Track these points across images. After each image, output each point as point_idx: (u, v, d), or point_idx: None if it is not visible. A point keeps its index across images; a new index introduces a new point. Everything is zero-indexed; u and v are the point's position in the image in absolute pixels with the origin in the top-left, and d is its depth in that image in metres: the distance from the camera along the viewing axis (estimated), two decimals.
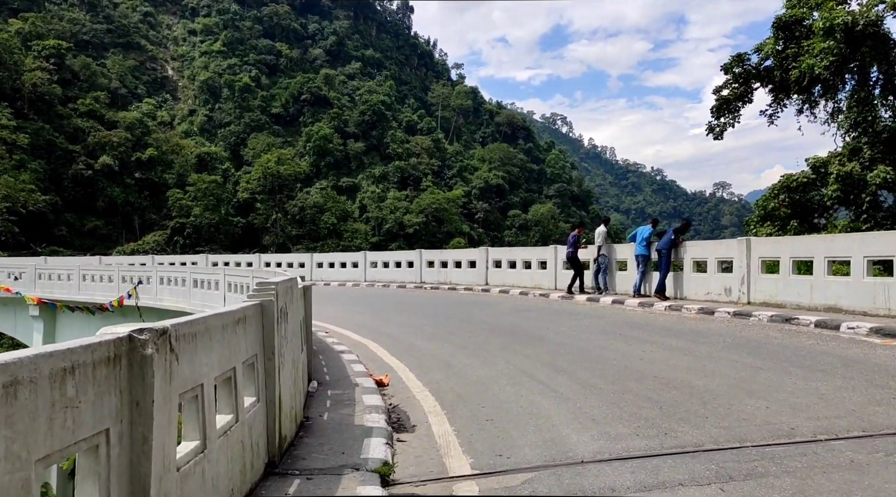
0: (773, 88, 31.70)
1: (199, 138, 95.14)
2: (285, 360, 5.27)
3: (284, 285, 5.34)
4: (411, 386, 8.12)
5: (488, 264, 20.96)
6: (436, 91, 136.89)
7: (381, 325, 13.78)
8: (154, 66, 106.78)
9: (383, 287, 23.79)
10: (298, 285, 6.94)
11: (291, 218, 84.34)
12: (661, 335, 10.17)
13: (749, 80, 32.30)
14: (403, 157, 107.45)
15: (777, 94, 31.73)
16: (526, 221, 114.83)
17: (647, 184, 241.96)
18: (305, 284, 7.95)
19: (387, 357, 10.19)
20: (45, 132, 73.52)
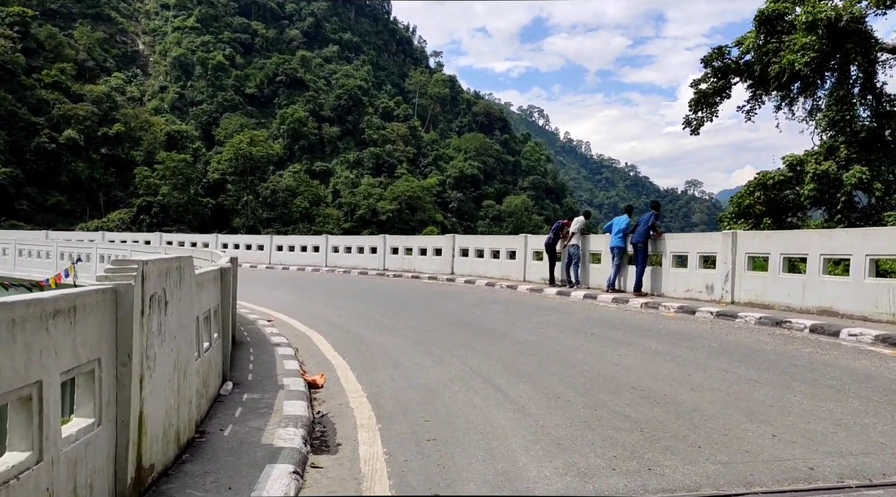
0: (752, 84, 30.91)
1: (170, 116, 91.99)
2: (158, 365, 3.93)
3: (161, 265, 4.00)
4: (349, 389, 6.83)
5: (455, 253, 19.71)
6: (414, 78, 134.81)
7: (332, 315, 12.44)
8: (124, 40, 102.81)
9: (344, 273, 22.38)
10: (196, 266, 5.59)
11: (263, 201, 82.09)
12: (638, 336, 9.02)
13: (728, 74, 31.45)
14: (379, 143, 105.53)
15: (756, 90, 30.94)
16: (500, 212, 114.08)
17: (620, 179, 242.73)
18: (223, 265, 6.59)
19: (329, 352, 8.88)
20: (6, 102, 70.09)
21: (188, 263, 4.60)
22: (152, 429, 3.84)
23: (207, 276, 5.66)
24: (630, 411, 5.46)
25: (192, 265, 4.69)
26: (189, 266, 4.62)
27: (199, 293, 5.26)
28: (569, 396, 6.02)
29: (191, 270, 4.66)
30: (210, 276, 5.81)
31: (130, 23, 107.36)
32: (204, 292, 5.53)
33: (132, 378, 3.54)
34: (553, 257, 15.62)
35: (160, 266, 4.00)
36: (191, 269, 4.66)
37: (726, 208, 34.89)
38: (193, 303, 4.84)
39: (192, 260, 4.70)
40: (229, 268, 6.55)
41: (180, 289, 4.41)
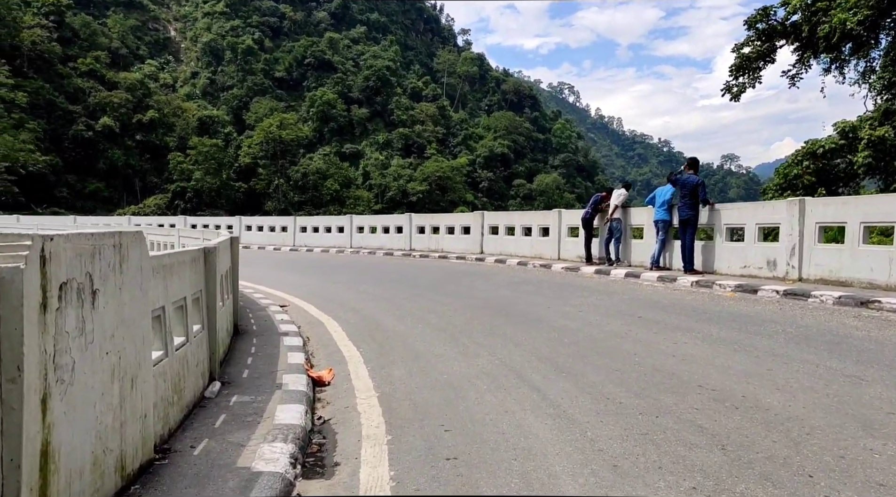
0: (799, 46, 28.77)
1: (202, 101, 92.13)
2: (80, 376, 2.91)
3: (83, 243, 2.95)
4: (359, 387, 5.79)
5: (484, 230, 18.51)
6: (441, 57, 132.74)
7: (351, 299, 11.43)
8: (156, 27, 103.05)
9: (369, 254, 21.39)
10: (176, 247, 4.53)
11: (294, 184, 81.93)
12: (695, 320, 7.79)
13: (773, 36, 29.35)
14: (408, 124, 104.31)
15: (803, 53, 28.81)
16: (531, 191, 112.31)
17: (653, 155, 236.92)
18: (208, 245, 5.56)
19: (343, 341, 7.86)
20: (44, 91, 70.78)
21: (134, 241, 3.55)
22: (69, 462, 2.82)
23: (179, 259, 4.62)
24: (702, 420, 4.29)
25: (140, 243, 3.64)
26: (136, 244, 3.58)
27: (162, 279, 4.23)
28: (621, 398, 4.87)
29: (139, 250, 3.61)
30: (183, 257, 4.77)
31: (162, 9, 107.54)
32: (173, 278, 4.50)
33: (25, 398, 2.50)
34: (590, 233, 14.35)
35: (81, 244, 2.95)
36: (139, 249, 3.61)
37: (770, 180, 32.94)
38: (148, 291, 3.80)
39: (141, 236, 3.65)
40: (216, 247, 5.51)
41: (121, 273, 3.36)
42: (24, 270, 2.50)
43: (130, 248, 3.50)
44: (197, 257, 5.24)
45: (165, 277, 4.33)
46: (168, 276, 4.40)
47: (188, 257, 4.96)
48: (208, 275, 5.48)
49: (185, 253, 4.92)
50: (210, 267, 5.50)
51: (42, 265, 2.63)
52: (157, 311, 4.16)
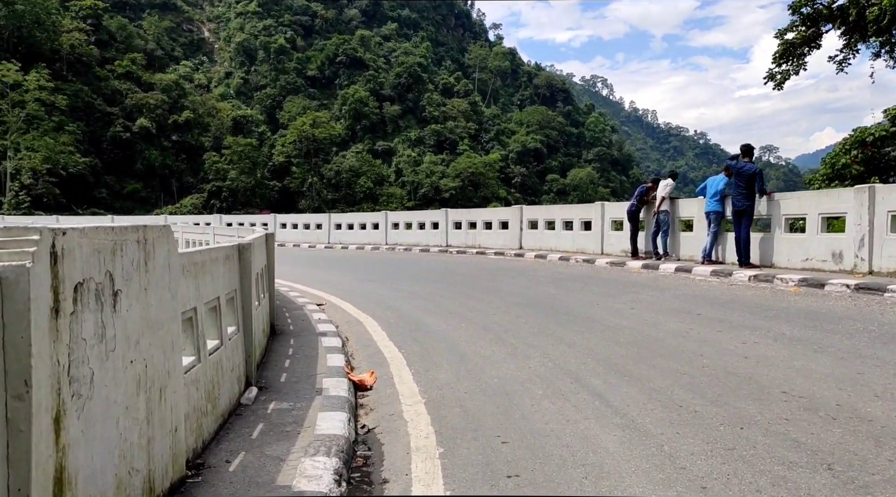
0: (847, 30, 27.54)
1: (236, 101, 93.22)
2: (100, 389, 2.58)
3: (102, 237, 2.62)
4: (403, 392, 5.41)
5: (523, 225, 18.00)
6: (473, 52, 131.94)
7: (389, 297, 11.08)
8: (190, 28, 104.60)
9: (405, 251, 21.06)
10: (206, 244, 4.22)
11: (327, 182, 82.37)
12: (761, 317, 7.21)
13: (819, 21, 28.16)
14: (440, 120, 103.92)
15: (850, 37, 27.57)
16: (564, 186, 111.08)
17: (689, 148, 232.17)
18: (242, 241, 5.23)
19: (383, 342, 7.50)
20: (83, 94, 72.31)
21: (161, 236, 3.21)
22: (88, 488, 2.48)
23: (211, 256, 4.29)
24: (797, 432, 3.78)
25: (168, 238, 3.30)
26: (163, 240, 3.24)
27: (193, 278, 3.90)
28: (695, 405, 4.38)
29: (166, 246, 3.27)
30: (216, 254, 4.44)
31: (196, 11, 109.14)
32: (205, 276, 4.17)
33: (35, 418, 2.17)
34: (636, 226, 13.74)
35: (99, 239, 2.61)
36: (166, 245, 3.27)
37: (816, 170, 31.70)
38: (177, 291, 3.46)
39: (168, 231, 3.31)
40: (251, 244, 5.18)
41: (146, 272, 3.02)
42: (31, 269, 2.15)
43: (157, 244, 3.16)
44: (231, 255, 4.92)
45: (197, 276, 4.00)
46: (199, 275, 4.07)
47: (221, 254, 4.63)
48: (243, 273, 5.15)
49: (218, 250, 4.59)
50: (245, 265, 5.17)
51: (53, 263, 2.29)
52: (187, 313, 3.83)
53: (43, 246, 2.24)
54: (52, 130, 64.68)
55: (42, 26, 70.69)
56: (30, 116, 62.90)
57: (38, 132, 62.52)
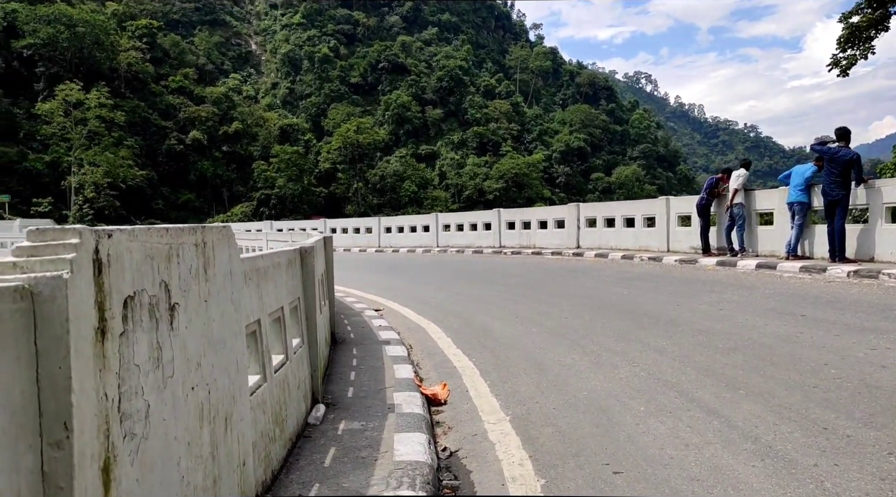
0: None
1: (282, 110, 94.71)
2: (157, 424, 2.11)
3: (154, 240, 2.14)
4: (482, 407, 4.85)
5: (580, 223, 17.23)
6: (514, 53, 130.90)
7: (448, 301, 10.55)
8: (239, 42, 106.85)
9: (457, 253, 20.52)
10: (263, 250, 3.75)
11: (372, 187, 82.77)
12: (881, 318, 6.38)
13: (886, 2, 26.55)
14: (482, 122, 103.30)
15: None
16: (609, 184, 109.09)
17: (739, 141, 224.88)
18: (304, 244, 4.76)
19: (450, 349, 6.96)
20: (140, 109, 74.53)
21: (222, 238, 2.73)
22: None
23: (274, 261, 3.82)
24: None
25: (229, 241, 2.82)
26: (224, 243, 2.76)
27: (255, 286, 3.43)
28: (843, 427, 3.67)
29: (227, 251, 2.79)
30: (279, 259, 3.97)
31: (243, 25, 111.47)
32: (268, 284, 3.70)
33: (78, 469, 1.68)
34: (707, 221, 12.85)
35: (151, 242, 2.14)
36: (227, 249, 2.79)
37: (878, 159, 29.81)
38: (241, 302, 2.98)
39: (229, 232, 2.83)
40: (312, 247, 4.71)
41: (206, 281, 2.55)
42: (70, 281, 1.67)
43: (217, 247, 2.68)
44: (293, 259, 4.45)
45: (260, 284, 3.53)
46: (262, 283, 3.60)
47: (284, 259, 4.16)
48: (306, 279, 4.67)
49: (281, 254, 4.12)
50: (307, 270, 4.70)
51: (97, 273, 1.81)
52: (251, 327, 3.36)
53: (84, 252, 1.76)
54: (112, 145, 66.83)
55: (101, 46, 73.17)
56: (91, 133, 65.14)
57: (100, 148, 64.69)
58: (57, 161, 63.99)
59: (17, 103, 67.02)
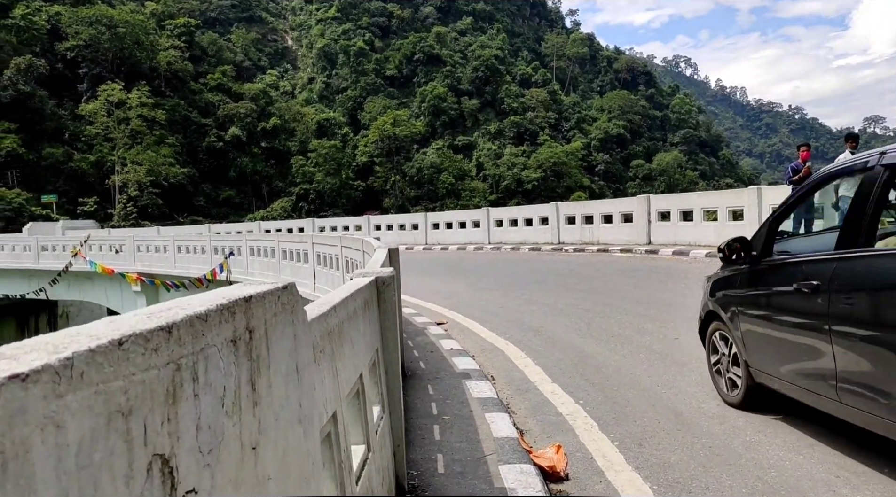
0: None
1: (319, 105, 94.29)
2: None
3: None
4: (620, 484, 3.50)
5: (651, 217, 15.62)
6: (550, 41, 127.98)
7: (519, 311, 9.19)
8: (275, 38, 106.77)
9: (512, 250, 19.09)
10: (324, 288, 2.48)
11: (409, 179, 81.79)
12: None
13: None
14: (519, 111, 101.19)
15: None
16: (650, 171, 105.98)
17: (783, 124, 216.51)
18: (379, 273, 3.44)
19: (545, 384, 5.60)
20: (180, 108, 74.86)
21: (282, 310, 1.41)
22: None
23: (349, 309, 2.52)
24: None
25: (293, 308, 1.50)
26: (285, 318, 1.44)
27: (329, 360, 2.13)
28: None
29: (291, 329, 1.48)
30: (355, 304, 2.67)
31: (279, 21, 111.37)
32: (343, 348, 2.40)
33: None
34: None
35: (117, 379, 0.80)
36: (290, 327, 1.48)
37: None
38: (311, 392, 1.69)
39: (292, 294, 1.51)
40: (391, 279, 3.37)
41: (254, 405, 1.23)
42: None
43: (274, 330, 1.38)
44: (369, 299, 3.13)
45: (334, 354, 2.23)
46: (337, 350, 2.29)
47: (360, 301, 2.85)
48: (385, 322, 3.36)
49: (356, 295, 2.80)
50: (387, 309, 3.38)
51: None
52: (326, 428, 2.06)
53: None
54: (154, 144, 67.22)
55: (141, 46, 73.61)
56: (134, 132, 65.60)
57: (142, 146, 65.13)
58: (101, 161, 64.66)
59: (62, 105, 67.90)
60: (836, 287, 3.21)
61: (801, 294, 3.51)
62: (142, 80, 71.11)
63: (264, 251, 14.39)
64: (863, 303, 3.08)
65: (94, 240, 20.03)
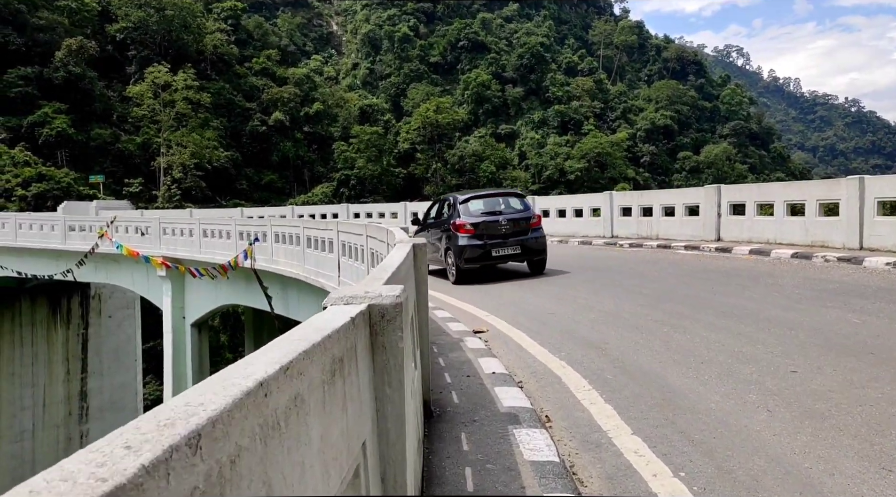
0: None
1: (362, 91, 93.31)
2: None
3: None
4: None
5: (721, 210, 13.63)
6: (597, 28, 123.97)
7: (574, 319, 7.54)
8: (320, 23, 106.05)
9: (560, 243, 17.28)
10: None
11: (451, 167, 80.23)
12: None
13: None
14: (563, 100, 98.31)
15: None
16: (698, 164, 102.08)
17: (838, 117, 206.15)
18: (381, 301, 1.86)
19: (622, 437, 4.02)
20: (225, 91, 74.70)
21: None
22: None
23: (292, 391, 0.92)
24: None
25: None
26: None
27: None
28: None
29: None
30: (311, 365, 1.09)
31: (325, 6, 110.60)
32: None
33: None
34: None
35: None
36: None
37: None
38: None
39: None
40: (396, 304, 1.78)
41: None
42: None
43: None
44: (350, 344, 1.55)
45: None
46: None
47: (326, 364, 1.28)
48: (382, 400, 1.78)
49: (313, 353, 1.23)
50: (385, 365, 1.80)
51: None
52: None
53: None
54: (199, 127, 67.15)
55: (188, 29, 73.58)
56: (179, 114, 65.62)
57: (187, 129, 65.10)
58: (147, 142, 64.91)
59: (110, 86, 68.42)
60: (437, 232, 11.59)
61: (437, 233, 11.57)
62: (188, 62, 71.01)
63: (289, 238, 13.06)
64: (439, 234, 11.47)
65: (120, 221, 19.13)
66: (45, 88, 61.04)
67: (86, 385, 25.22)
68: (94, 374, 25.43)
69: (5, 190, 54.27)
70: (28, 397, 23.88)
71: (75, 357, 25.06)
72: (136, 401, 27.06)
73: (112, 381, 26.02)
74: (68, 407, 24.75)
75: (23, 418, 23.71)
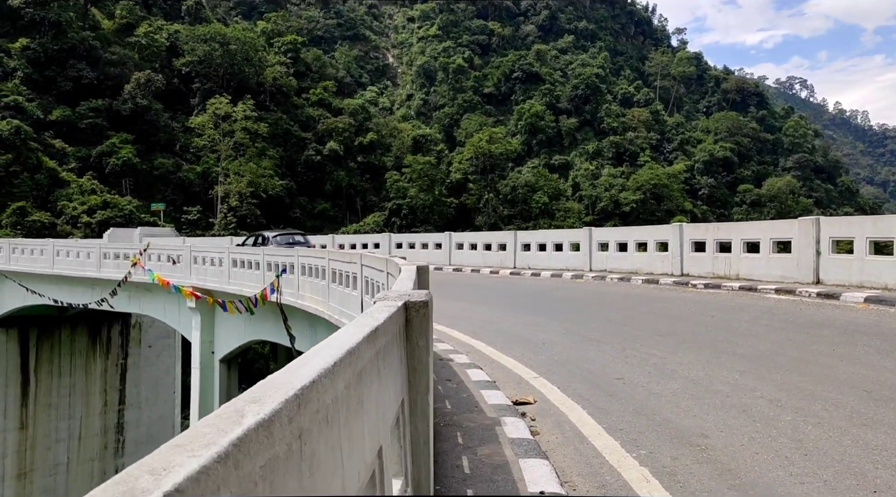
0: None
1: (416, 121, 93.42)
2: None
3: None
4: None
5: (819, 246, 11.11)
6: (654, 59, 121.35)
7: (651, 390, 5.62)
8: (377, 55, 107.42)
9: (621, 281, 15.18)
10: None
11: (503, 198, 78.68)
12: None
13: None
14: (619, 131, 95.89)
15: None
16: (759, 197, 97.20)
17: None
18: None
19: None
20: (282, 122, 75.77)
21: None
22: None
23: None
24: None
25: None
26: None
27: None
28: None
29: None
30: None
31: (381, 39, 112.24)
32: None
33: None
34: None
35: None
36: None
37: None
38: None
39: None
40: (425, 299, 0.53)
41: None
42: None
43: None
44: None
45: None
46: None
47: None
48: None
49: None
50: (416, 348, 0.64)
51: None
52: None
53: None
54: (256, 156, 67.96)
55: (250, 62, 75.33)
56: (237, 144, 66.60)
57: (244, 158, 65.91)
58: (207, 171, 65.97)
59: (175, 117, 70.27)
60: None
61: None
62: (248, 94, 72.48)
63: (314, 271, 11.60)
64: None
65: (153, 249, 18.23)
66: (113, 120, 63.00)
67: (122, 417, 24.35)
68: (131, 406, 24.58)
69: (72, 217, 55.66)
70: (64, 429, 23.12)
71: (113, 388, 24.29)
72: (173, 434, 25.99)
73: (150, 414, 25.10)
74: (104, 440, 23.87)
75: (57, 451, 22.92)
